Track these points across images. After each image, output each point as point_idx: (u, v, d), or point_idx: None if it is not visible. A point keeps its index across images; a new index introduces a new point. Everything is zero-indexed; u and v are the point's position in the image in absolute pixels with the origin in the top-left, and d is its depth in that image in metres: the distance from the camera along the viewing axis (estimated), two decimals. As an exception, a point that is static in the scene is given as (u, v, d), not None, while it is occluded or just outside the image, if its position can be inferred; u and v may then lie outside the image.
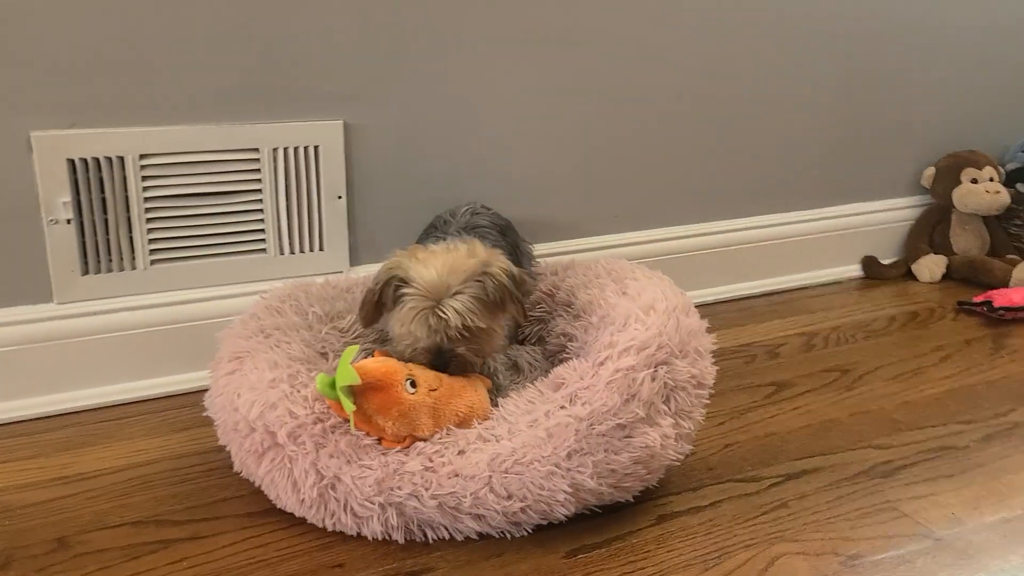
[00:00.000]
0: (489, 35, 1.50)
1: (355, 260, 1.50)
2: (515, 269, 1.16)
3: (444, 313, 1.08)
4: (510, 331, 1.27)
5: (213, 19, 1.30)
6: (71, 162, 1.26)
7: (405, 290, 1.10)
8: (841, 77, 1.85)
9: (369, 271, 1.45)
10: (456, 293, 1.09)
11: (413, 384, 1.05)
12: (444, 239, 1.23)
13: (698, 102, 1.72)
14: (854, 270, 1.99)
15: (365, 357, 1.09)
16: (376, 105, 1.44)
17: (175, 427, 1.28)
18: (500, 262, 1.14)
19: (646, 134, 1.69)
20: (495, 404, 1.12)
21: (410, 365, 1.08)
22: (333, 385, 1.00)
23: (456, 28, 1.47)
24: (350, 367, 0.99)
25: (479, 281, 1.11)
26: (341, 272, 1.47)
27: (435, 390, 1.06)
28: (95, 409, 1.32)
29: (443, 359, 1.10)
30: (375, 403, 1.02)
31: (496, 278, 1.11)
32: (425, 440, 1.05)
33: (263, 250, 1.42)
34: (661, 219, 1.76)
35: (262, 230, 1.41)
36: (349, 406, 1.00)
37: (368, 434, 1.04)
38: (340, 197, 1.45)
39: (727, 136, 1.77)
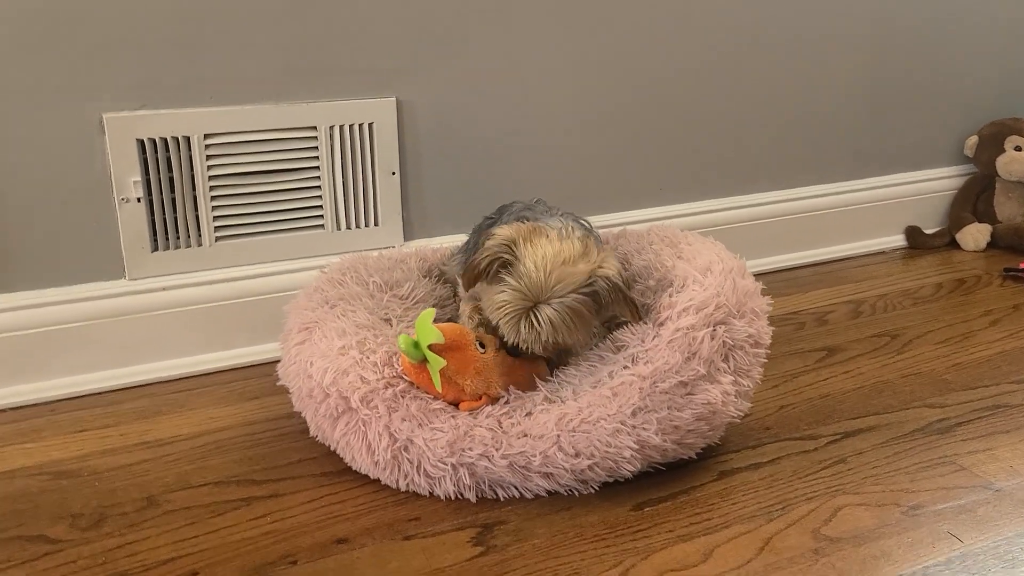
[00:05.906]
0: (535, 10, 1.53)
1: (409, 235, 1.54)
2: (624, 272, 1.14)
3: (537, 323, 1.05)
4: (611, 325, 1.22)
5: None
6: (140, 142, 1.31)
7: (506, 277, 1.07)
8: (882, 47, 1.86)
9: (422, 245, 1.49)
10: (556, 300, 1.06)
11: (482, 345, 1.09)
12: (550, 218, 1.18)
13: (740, 74, 1.74)
14: (898, 240, 1.99)
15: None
16: (427, 82, 1.47)
17: (244, 396, 1.32)
18: (612, 264, 1.10)
19: (689, 106, 1.71)
20: (551, 373, 1.15)
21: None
22: (416, 345, 1.03)
23: (503, 4, 1.50)
24: (432, 326, 1.03)
25: (584, 293, 1.07)
26: (394, 247, 1.51)
27: (501, 349, 1.10)
28: (167, 381, 1.37)
29: (516, 352, 1.11)
30: (453, 363, 1.06)
31: (611, 280, 1.07)
32: (497, 399, 1.08)
33: (321, 226, 1.46)
34: (705, 191, 1.78)
35: (320, 206, 1.45)
36: (438, 362, 1.03)
37: (444, 398, 1.07)
38: (394, 173, 1.49)
39: (770, 108, 1.79)
